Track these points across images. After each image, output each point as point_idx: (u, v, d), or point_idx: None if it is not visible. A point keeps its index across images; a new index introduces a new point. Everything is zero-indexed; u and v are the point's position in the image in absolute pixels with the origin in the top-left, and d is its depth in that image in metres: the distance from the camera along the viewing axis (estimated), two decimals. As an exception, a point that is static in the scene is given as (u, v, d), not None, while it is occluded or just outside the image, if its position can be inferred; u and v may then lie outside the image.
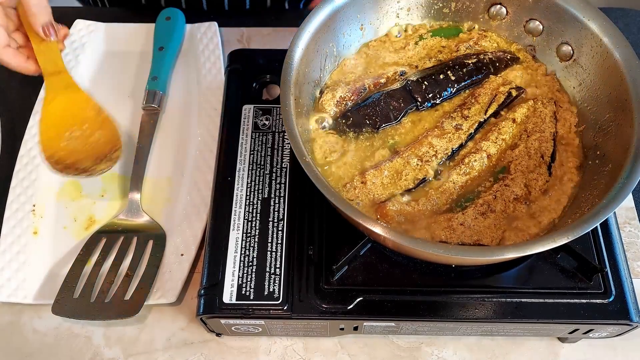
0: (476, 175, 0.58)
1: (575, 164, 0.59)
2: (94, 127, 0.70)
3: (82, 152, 0.69)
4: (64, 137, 0.69)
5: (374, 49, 0.66)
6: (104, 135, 0.70)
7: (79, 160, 0.68)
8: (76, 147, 0.69)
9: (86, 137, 0.69)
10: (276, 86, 0.70)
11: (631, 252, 0.68)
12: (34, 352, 0.63)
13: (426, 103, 0.62)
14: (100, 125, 0.70)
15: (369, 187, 0.56)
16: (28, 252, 0.66)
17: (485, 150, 0.59)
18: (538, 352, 0.63)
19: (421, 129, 0.61)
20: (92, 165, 0.67)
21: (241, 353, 0.63)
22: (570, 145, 0.60)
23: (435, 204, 0.56)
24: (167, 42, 0.81)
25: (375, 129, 0.61)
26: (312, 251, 0.57)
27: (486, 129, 0.61)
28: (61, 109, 0.72)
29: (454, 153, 0.59)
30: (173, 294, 0.63)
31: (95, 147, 0.69)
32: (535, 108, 0.61)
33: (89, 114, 0.71)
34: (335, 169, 0.58)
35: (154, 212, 0.69)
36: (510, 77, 0.64)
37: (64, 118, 0.71)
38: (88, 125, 0.70)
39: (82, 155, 0.68)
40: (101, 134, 0.70)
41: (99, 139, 0.69)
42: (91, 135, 0.69)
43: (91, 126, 0.70)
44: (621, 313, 0.55)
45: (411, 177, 0.57)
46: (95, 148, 0.69)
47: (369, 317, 0.55)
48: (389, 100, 0.61)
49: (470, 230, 0.54)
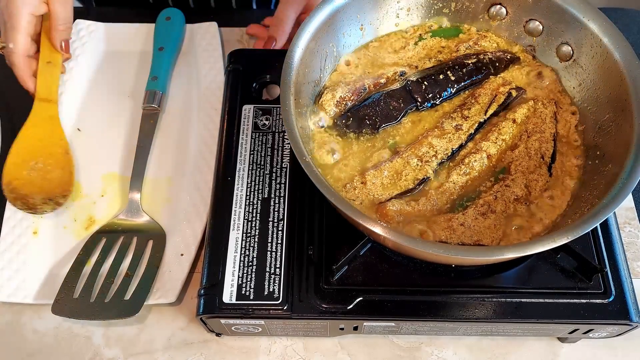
0: (476, 175, 0.58)
1: (576, 164, 0.59)
2: (56, 165, 0.69)
3: (37, 187, 0.68)
4: (29, 166, 0.69)
5: (373, 49, 0.66)
6: (60, 176, 0.69)
7: (31, 193, 0.67)
8: (33, 180, 0.68)
9: (46, 173, 0.69)
10: (276, 86, 0.70)
11: (631, 252, 0.68)
12: (34, 352, 0.63)
13: (426, 103, 0.62)
14: (62, 165, 0.70)
15: (369, 187, 0.56)
16: (28, 252, 0.66)
17: (485, 151, 0.59)
18: (538, 352, 0.63)
19: (421, 129, 0.61)
20: (40, 203, 0.66)
21: (241, 353, 0.63)
22: (571, 145, 0.60)
23: (435, 204, 0.56)
24: (167, 42, 0.81)
25: (375, 129, 0.61)
26: (312, 251, 0.57)
27: (486, 129, 0.61)
28: (36, 138, 0.71)
29: (454, 153, 0.59)
30: (173, 294, 0.63)
31: (50, 185, 0.68)
32: (535, 108, 0.61)
33: (57, 151, 0.71)
34: (335, 169, 0.58)
35: (154, 212, 0.69)
36: (510, 77, 0.64)
37: (35, 147, 0.70)
38: (52, 161, 0.70)
39: (35, 190, 0.67)
40: (59, 174, 0.69)
41: (55, 178, 0.69)
42: (51, 172, 0.69)
43: (54, 163, 0.70)
44: (621, 313, 0.55)
45: (411, 178, 0.57)
46: (49, 186, 0.68)
47: (369, 317, 0.55)
48: (389, 100, 0.61)
49: (471, 230, 0.54)
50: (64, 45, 0.74)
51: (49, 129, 0.72)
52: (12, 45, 0.70)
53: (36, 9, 0.70)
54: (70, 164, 0.70)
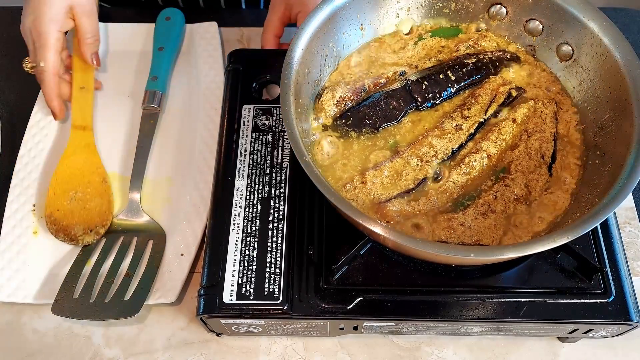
0: (476, 175, 0.58)
1: (576, 164, 0.59)
2: (95, 194, 0.69)
3: (77, 217, 0.67)
4: (69, 196, 0.68)
5: (373, 49, 0.66)
6: (99, 205, 0.68)
7: (72, 224, 0.66)
8: (74, 210, 0.67)
9: (85, 202, 0.68)
10: (276, 86, 0.70)
11: (631, 252, 0.68)
12: (34, 352, 0.63)
13: (426, 103, 0.62)
14: (100, 193, 0.69)
15: (369, 187, 0.56)
16: (28, 252, 0.66)
17: (485, 151, 0.59)
18: (538, 352, 0.63)
19: (421, 129, 0.61)
20: (81, 233, 0.66)
21: (241, 353, 0.63)
22: (571, 145, 0.60)
23: (436, 204, 0.56)
24: (167, 42, 0.81)
25: (376, 129, 0.61)
26: (312, 251, 0.57)
27: (486, 129, 0.61)
28: (75, 167, 0.70)
29: (454, 153, 0.59)
30: (173, 294, 0.63)
31: (89, 214, 0.67)
32: (535, 108, 0.61)
33: (95, 179, 0.70)
34: (335, 169, 0.58)
35: (154, 212, 0.69)
36: (510, 77, 0.64)
37: (73, 177, 0.70)
38: (90, 190, 0.69)
39: (75, 220, 0.66)
40: (98, 203, 0.68)
41: (94, 207, 0.68)
42: (90, 200, 0.68)
43: (92, 192, 0.69)
44: (621, 313, 0.55)
45: (411, 177, 0.57)
46: (89, 215, 0.67)
47: (369, 317, 0.55)
48: (389, 100, 0.61)
49: (471, 230, 0.54)
50: (95, 58, 0.75)
51: (86, 157, 0.72)
52: (43, 64, 0.70)
53: (63, 26, 0.71)
54: (108, 192, 0.69)
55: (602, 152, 0.57)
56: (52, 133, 0.75)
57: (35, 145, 0.73)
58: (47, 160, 0.73)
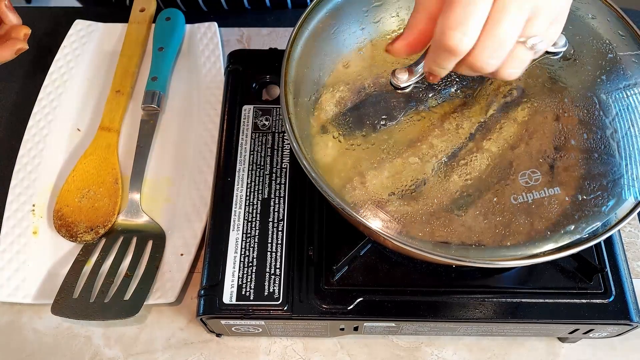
0: (477, 175, 0.58)
1: (577, 164, 0.58)
2: (105, 194, 0.69)
3: (84, 215, 0.67)
4: (80, 193, 0.68)
5: (374, 48, 0.66)
6: (107, 205, 0.68)
7: (77, 222, 0.66)
8: (82, 208, 0.67)
9: (95, 201, 0.68)
10: (276, 86, 0.70)
11: (631, 252, 0.68)
12: (34, 352, 0.63)
13: (426, 103, 0.62)
14: (110, 193, 0.69)
15: (369, 187, 0.56)
16: (28, 252, 0.66)
17: (486, 150, 0.58)
18: (538, 352, 0.63)
19: (421, 129, 0.61)
20: (81, 232, 0.66)
21: (241, 353, 0.63)
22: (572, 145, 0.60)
23: (436, 204, 0.56)
24: (167, 42, 0.80)
25: (375, 129, 0.61)
26: (312, 251, 0.57)
27: (487, 128, 0.61)
28: (92, 165, 0.71)
29: (454, 153, 0.59)
30: (173, 294, 0.63)
31: (95, 213, 0.67)
32: (536, 108, 0.61)
33: (108, 179, 0.70)
34: (335, 169, 0.58)
35: (153, 212, 0.69)
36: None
37: (89, 175, 0.70)
38: (102, 190, 0.69)
39: (81, 218, 0.67)
40: (106, 203, 0.68)
41: (102, 207, 0.68)
42: (100, 200, 0.68)
43: (104, 191, 0.69)
44: (621, 313, 0.55)
45: (411, 178, 0.57)
46: (94, 215, 0.67)
47: (369, 318, 0.55)
48: (388, 100, 0.61)
49: (471, 230, 0.54)
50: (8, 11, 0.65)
51: (105, 157, 0.72)
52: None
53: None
54: (117, 193, 0.69)
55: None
56: (52, 133, 0.75)
57: (35, 145, 0.73)
58: (47, 160, 0.73)
